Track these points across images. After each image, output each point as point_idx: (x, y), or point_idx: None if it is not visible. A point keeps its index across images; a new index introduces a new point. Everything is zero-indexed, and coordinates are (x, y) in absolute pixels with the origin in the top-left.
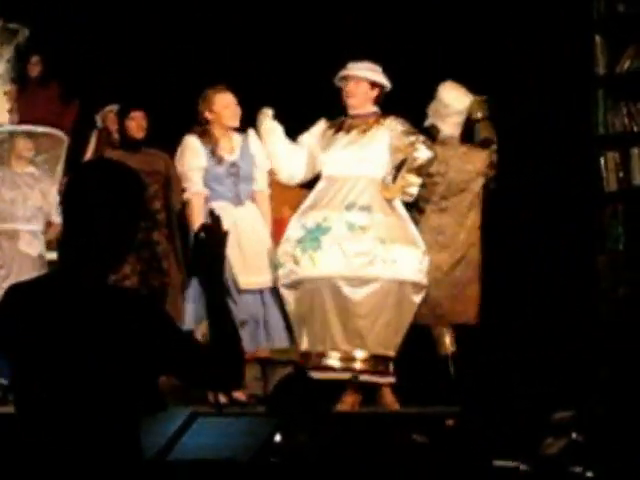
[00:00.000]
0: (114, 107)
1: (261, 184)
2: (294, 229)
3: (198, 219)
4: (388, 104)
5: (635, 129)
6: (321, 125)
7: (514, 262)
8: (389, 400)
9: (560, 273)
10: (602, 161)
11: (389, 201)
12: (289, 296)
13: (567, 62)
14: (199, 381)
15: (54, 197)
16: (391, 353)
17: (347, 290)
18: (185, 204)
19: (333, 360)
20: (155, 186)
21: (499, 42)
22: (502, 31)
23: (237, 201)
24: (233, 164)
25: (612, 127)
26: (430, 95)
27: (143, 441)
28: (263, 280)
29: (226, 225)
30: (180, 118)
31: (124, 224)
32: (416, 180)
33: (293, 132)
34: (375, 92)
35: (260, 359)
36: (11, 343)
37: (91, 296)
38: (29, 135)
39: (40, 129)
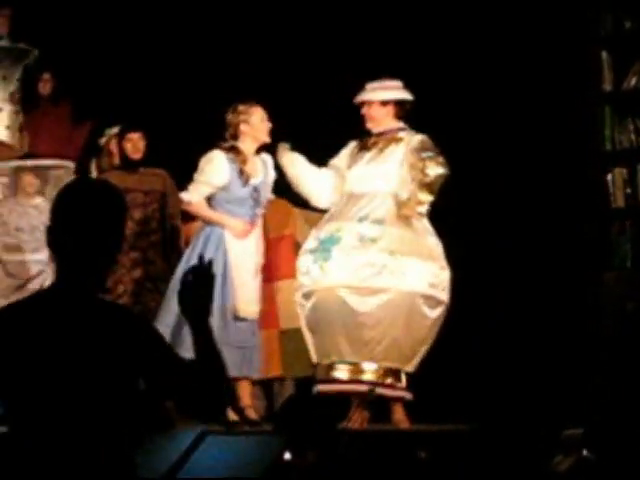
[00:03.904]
0: (116, 129)
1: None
2: (309, 241)
3: (207, 212)
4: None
5: None
6: (350, 146)
7: (520, 279)
8: (400, 417)
9: (567, 290)
10: (609, 178)
11: (407, 217)
12: (302, 308)
13: (574, 79)
14: (187, 405)
15: None
16: (406, 368)
17: (353, 300)
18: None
19: (340, 372)
20: (153, 205)
21: (505, 60)
22: (509, 49)
23: (252, 225)
24: (255, 188)
25: (619, 144)
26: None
27: (153, 459)
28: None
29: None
30: (186, 136)
31: (109, 239)
32: (427, 197)
33: (321, 151)
34: (389, 108)
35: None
36: (2, 364)
37: (84, 312)
38: (34, 169)
39: (46, 162)
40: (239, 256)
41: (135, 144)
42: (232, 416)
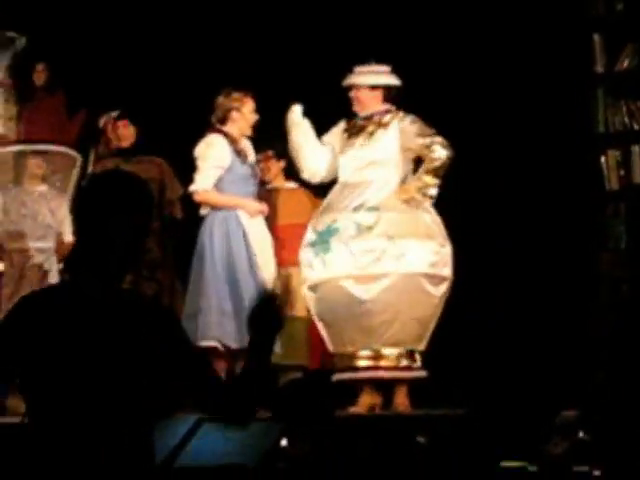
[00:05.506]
0: (112, 114)
1: None
2: (308, 234)
3: (219, 197)
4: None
5: (635, 127)
6: (340, 126)
7: (515, 262)
8: (401, 401)
9: (562, 272)
10: (603, 160)
11: (407, 202)
12: (310, 300)
13: (566, 61)
14: (207, 405)
15: (64, 215)
16: (419, 347)
17: (357, 289)
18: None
19: (361, 360)
20: None
21: (498, 42)
22: (502, 31)
23: (260, 202)
24: (252, 166)
25: (612, 125)
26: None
27: None
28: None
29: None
30: (181, 123)
31: (137, 232)
32: (433, 181)
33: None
34: (378, 93)
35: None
36: (21, 352)
37: (106, 302)
38: (38, 153)
39: (51, 148)
40: (257, 235)
41: (124, 131)
42: None
